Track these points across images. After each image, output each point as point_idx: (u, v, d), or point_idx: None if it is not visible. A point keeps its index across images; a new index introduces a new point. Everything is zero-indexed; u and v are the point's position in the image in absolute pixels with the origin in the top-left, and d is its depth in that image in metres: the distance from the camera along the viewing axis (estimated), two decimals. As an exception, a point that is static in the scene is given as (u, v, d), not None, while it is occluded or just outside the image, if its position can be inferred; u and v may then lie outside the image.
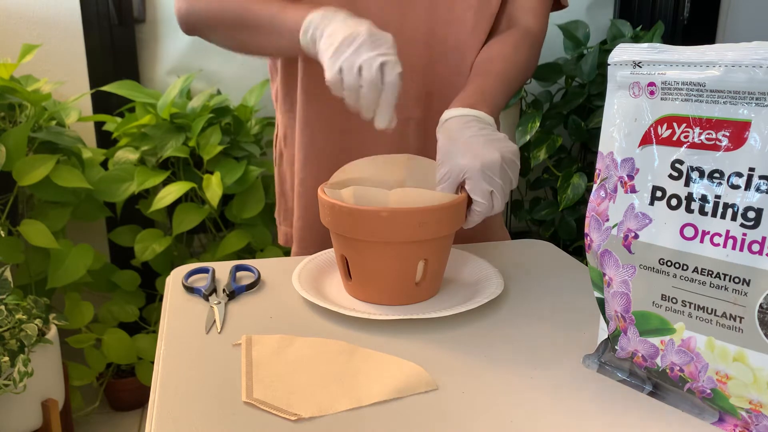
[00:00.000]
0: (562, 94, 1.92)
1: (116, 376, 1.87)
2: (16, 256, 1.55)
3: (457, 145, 0.72)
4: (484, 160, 0.70)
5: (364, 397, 0.53)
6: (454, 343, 0.63)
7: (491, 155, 0.70)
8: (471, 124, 0.74)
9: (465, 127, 0.73)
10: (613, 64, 0.54)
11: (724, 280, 0.47)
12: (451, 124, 0.75)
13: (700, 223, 0.48)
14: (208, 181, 1.62)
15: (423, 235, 0.66)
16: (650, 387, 0.54)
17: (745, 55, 0.45)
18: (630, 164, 0.53)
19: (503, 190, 0.71)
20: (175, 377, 0.57)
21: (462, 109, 0.76)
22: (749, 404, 0.48)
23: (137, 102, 1.70)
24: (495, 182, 0.70)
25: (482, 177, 0.70)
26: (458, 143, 0.72)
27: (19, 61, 1.55)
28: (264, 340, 0.63)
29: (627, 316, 0.54)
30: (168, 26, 1.88)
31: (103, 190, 1.64)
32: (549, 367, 0.58)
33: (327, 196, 0.69)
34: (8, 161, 1.47)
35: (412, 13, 0.88)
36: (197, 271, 0.81)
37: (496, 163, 0.70)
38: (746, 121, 0.46)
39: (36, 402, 1.44)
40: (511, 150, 0.72)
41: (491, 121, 0.76)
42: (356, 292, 0.72)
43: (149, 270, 1.82)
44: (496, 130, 0.75)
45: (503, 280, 0.74)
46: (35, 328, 1.34)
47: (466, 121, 0.74)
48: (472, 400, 0.53)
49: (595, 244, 0.56)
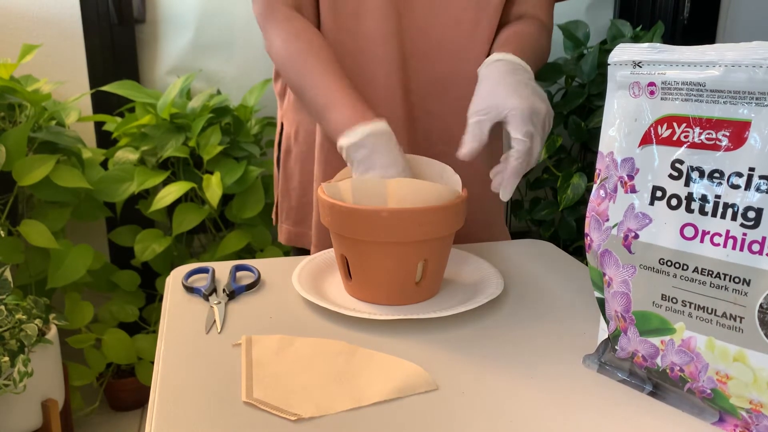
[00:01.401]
0: (562, 94, 1.92)
1: (116, 376, 1.87)
2: (16, 256, 1.55)
3: (504, 85, 0.73)
4: (533, 105, 0.71)
5: (364, 397, 0.53)
6: (454, 343, 0.63)
7: (540, 104, 0.71)
8: (518, 71, 0.75)
9: (513, 71, 0.74)
10: (613, 64, 0.54)
11: (724, 280, 0.47)
12: (499, 66, 0.75)
13: (700, 223, 0.48)
14: (208, 181, 1.62)
15: (423, 235, 0.66)
16: (650, 387, 0.54)
17: (745, 55, 0.45)
18: (630, 164, 0.53)
19: (542, 141, 0.72)
20: (175, 377, 0.57)
21: (510, 55, 0.76)
22: (749, 404, 0.48)
23: (137, 102, 1.69)
24: (537, 128, 0.71)
25: (529, 118, 0.70)
26: (505, 84, 0.73)
27: (19, 61, 1.55)
28: (264, 340, 0.62)
29: (627, 316, 0.54)
30: (168, 26, 1.87)
31: (103, 190, 1.64)
32: (549, 367, 0.58)
33: (327, 196, 0.69)
34: (8, 161, 1.47)
35: (409, 13, 0.87)
36: (197, 271, 0.81)
37: (542, 111, 0.71)
38: (746, 121, 0.46)
39: (36, 402, 1.44)
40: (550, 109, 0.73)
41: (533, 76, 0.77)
42: (356, 292, 0.72)
43: (149, 270, 1.82)
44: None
45: (503, 280, 0.74)
46: (35, 328, 1.33)
47: (513, 68, 0.75)
48: (472, 400, 0.53)
49: (595, 244, 0.56)
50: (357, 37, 0.88)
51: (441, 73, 0.90)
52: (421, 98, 0.91)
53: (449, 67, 0.90)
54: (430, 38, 0.89)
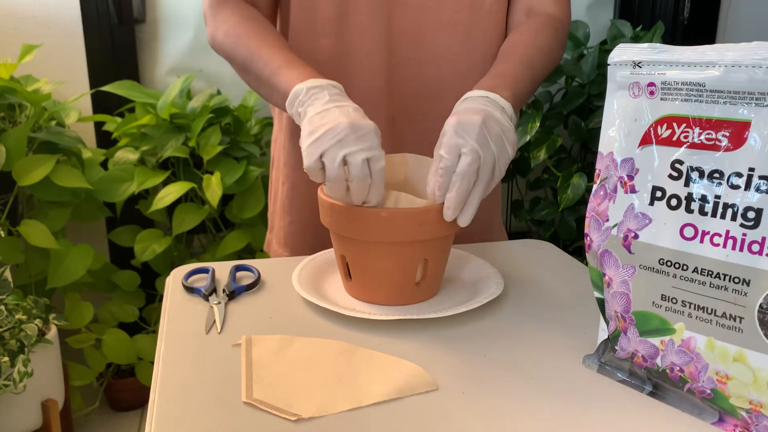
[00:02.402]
0: (562, 94, 1.92)
1: (116, 377, 1.87)
2: (16, 256, 1.55)
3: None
4: (460, 119, 0.66)
5: (364, 398, 0.53)
6: (454, 343, 0.63)
7: (473, 116, 0.66)
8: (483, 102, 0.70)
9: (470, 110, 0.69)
10: (613, 64, 0.54)
11: (724, 280, 0.47)
12: (465, 104, 0.71)
13: (700, 223, 0.48)
14: (208, 181, 1.62)
15: (423, 235, 0.66)
16: (650, 387, 0.54)
17: (745, 55, 0.45)
18: (630, 164, 0.53)
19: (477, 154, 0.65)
20: (175, 377, 0.57)
21: (478, 91, 0.73)
22: (749, 404, 0.48)
23: (137, 102, 1.69)
24: (468, 142, 0.65)
25: (455, 133, 0.66)
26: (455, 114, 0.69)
27: (19, 61, 1.55)
28: (264, 340, 0.63)
29: (627, 316, 0.54)
30: (168, 26, 1.88)
31: (103, 190, 1.64)
32: (549, 367, 0.58)
33: (327, 195, 0.69)
34: (8, 161, 1.47)
35: (399, 13, 0.86)
36: (197, 271, 0.81)
37: (474, 122, 0.65)
38: (746, 121, 0.46)
39: (36, 402, 1.44)
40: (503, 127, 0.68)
41: (507, 105, 0.72)
42: (356, 292, 0.72)
43: (149, 270, 1.82)
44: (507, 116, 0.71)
45: (503, 280, 0.74)
46: (35, 328, 1.33)
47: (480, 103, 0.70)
48: (472, 400, 0.53)
49: (595, 244, 0.56)
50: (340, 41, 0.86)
51: (431, 76, 0.89)
52: (408, 102, 0.90)
53: (440, 71, 0.88)
54: (421, 40, 0.87)
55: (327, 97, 0.70)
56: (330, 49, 0.86)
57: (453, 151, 0.65)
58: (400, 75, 0.88)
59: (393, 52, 0.87)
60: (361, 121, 0.66)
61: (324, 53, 0.87)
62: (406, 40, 0.87)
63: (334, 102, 0.69)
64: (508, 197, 2.12)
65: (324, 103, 0.69)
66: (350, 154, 0.64)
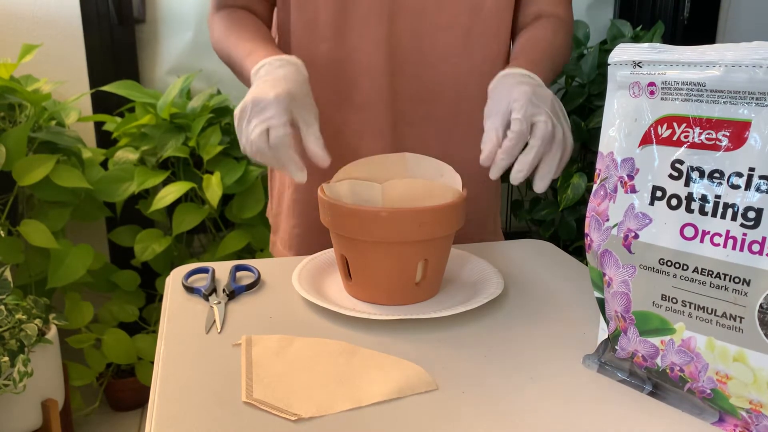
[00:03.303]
0: (562, 94, 1.92)
1: (116, 376, 1.87)
2: (16, 256, 1.55)
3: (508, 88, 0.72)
4: (535, 90, 0.70)
5: (364, 397, 0.53)
6: (454, 343, 0.63)
7: (544, 90, 0.71)
8: (525, 80, 0.74)
9: (519, 82, 0.73)
10: (613, 64, 0.54)
11: (724, 280, 0.47)
12: (506, 79, 0.74)
13: (700, 223, 0.48)
14: (208, 181, 1.62)
15: (423, 235, 0.66)
16: (650, 387, 0.54)
17: (745, 55, 0.45)
18: (630, 164, 0.53)
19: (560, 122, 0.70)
20: (175, 377, 0.57)
21: (518, 69, 0.75)
22: (749, 404, 0.48)
23: (137, 102, 1.69)
24: (543, 109, 0.69)
25: (529, 101, 0.69)
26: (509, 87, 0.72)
27: (19, 61, 1.55)
28: (264, 340, 0.62)
29: (627, 316, 0.54)
30: (168, 26, 1.88)
31: (103, 190, 1.64)
32: (549, 367, 0.58)
33: (327, 195, 0.69)
34: (8, 161, 1.47)
35: (399, 17, 0.86)
36: (197, 271, 0.81)
37: (547, 95, 0.71)
38: (746, 121, 0.46)
39: (36, 402, 1.44)
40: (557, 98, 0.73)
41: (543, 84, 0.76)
42: (356, 292, 0.72)
43: (149, 270, 1.82)
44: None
45: (503, 280, 0.74)
46: (35, 328, 1.34)
47: (519, 80, 0.74)
48: (472, 400, 0.53)
49: (595, 244, 0.56)
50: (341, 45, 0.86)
51: (431, 79, 0.89)
52: (409, 104, 0.90)
53: (440, 73, 0.88)
54: (421, 44, 0.87)
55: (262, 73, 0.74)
56: (330, 53, 0.87)
57: (527, 119, 0.69)
58: (401, 78, 0.88)
59: (393, 55, 0.87)
60: (262, 95, 0.69)
61: (324, 58, 0.87)
62: (406, 43, 0.87)
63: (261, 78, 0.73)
64: (508, 197, 2.12)
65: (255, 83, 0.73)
66: (252, 128, 0.68)
